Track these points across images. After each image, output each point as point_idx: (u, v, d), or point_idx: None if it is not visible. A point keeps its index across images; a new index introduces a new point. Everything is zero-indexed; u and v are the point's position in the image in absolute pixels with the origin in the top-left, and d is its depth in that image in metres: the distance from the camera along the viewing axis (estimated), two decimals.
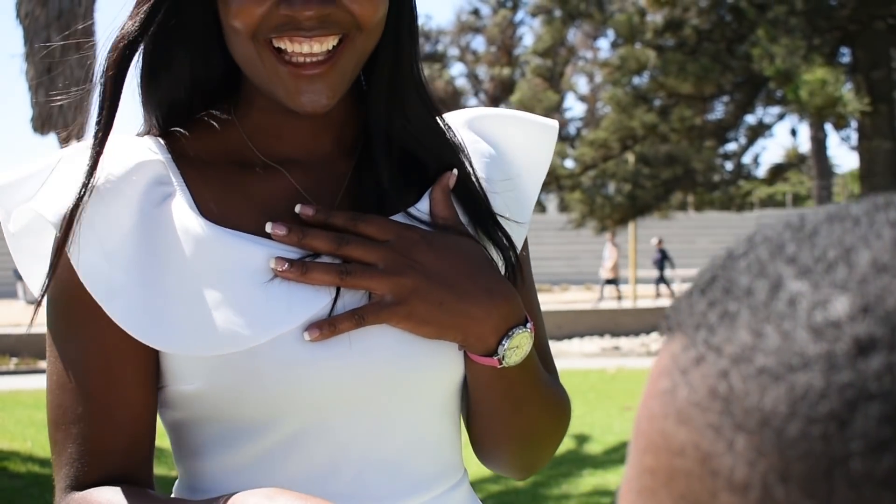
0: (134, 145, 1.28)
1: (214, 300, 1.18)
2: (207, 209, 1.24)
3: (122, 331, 1.17)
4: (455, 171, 1.32)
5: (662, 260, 25.46)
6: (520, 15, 47.70)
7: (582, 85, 48.85)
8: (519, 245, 1.38)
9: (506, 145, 1.43)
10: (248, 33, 1.19)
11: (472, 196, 1.33)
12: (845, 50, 18.41)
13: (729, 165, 21.26)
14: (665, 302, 22.50)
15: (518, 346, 1.26)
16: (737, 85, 18.64)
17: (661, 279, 25.32)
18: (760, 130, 21.13)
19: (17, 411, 11.64)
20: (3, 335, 18.10)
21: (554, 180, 20.34)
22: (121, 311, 1.16)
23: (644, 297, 25.64)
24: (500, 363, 1.25)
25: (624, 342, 19.13)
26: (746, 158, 21.44)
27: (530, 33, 49.89)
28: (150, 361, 1.21)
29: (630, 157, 19.83)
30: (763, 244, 0.50)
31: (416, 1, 1.32)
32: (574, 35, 39.20)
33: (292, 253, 1.22)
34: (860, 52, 17.93)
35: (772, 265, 0.48)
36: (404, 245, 1.23)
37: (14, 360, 17.21)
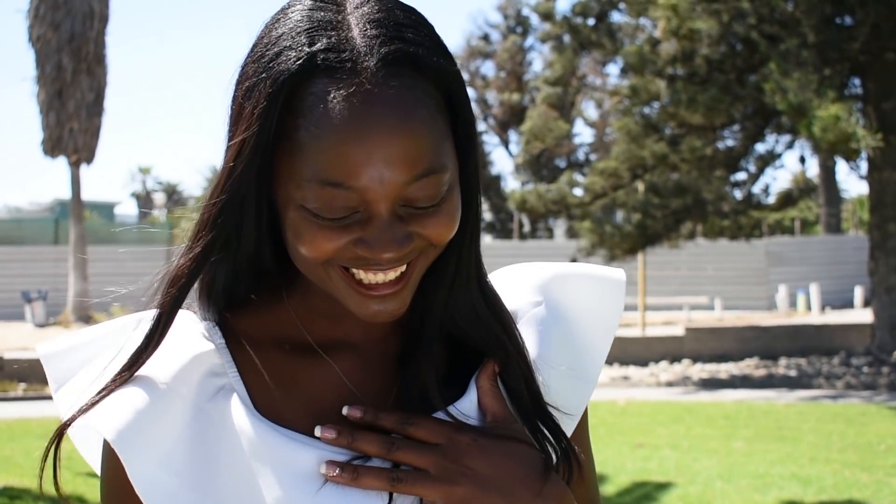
0: (188, 332, 1.27)
1: None
2: (260, 400, 1.24)
3: None
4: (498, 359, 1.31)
5: None
6: (529, 41, 47.79)
7: (590, 110, 48.93)
8: (572, 426, 1.38)
9: (576, 310, 1.42)
10: (318, 263, 1.18)
11: (518, 386, 1.32)
12: (856, 81, 18.42)
13: (738, 194, 21.24)
14: (677, 330, 22.43)
15: None
16: (747, 115, 18.65)
17: None
18: (770, 160, 21.12)
19: (25, 441, 11.60)
20: (11, 359, 18.01)
21: (563, 208, 20.33)
22: None
23: (653, 324, 25.58)
24: None
25: (633, 371, 19.07)
26: (756, 188, 21.37)
27: (540, 59, 49.97)
28: None
29: (640, 187, 19.82)
30: None
31: (481, 198, 1.30)
32: (583, 61, 39.26)
33: (343, 454, 1.21)
34: (871, 83, 17.94)
35: None
36: (456, 450, 1.22)
37: (22, 385, 17.14)
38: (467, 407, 1.29)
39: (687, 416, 13.26)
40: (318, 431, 1.20)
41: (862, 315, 25.64)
